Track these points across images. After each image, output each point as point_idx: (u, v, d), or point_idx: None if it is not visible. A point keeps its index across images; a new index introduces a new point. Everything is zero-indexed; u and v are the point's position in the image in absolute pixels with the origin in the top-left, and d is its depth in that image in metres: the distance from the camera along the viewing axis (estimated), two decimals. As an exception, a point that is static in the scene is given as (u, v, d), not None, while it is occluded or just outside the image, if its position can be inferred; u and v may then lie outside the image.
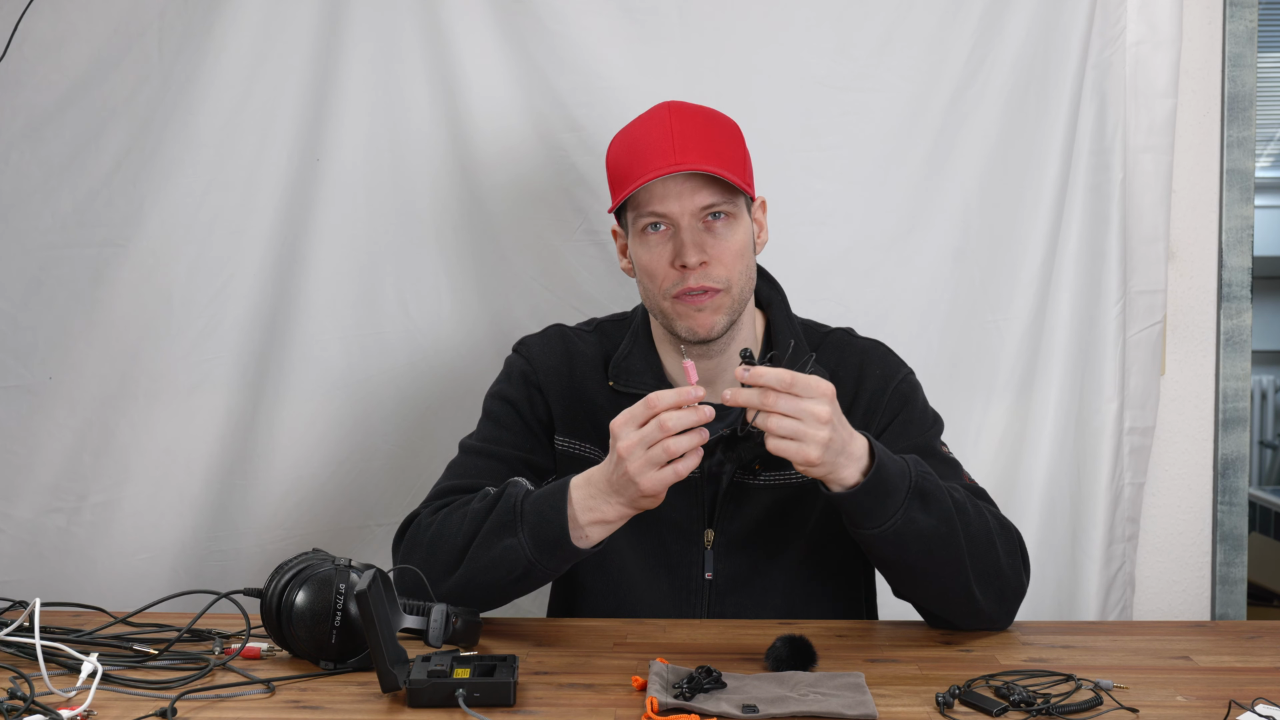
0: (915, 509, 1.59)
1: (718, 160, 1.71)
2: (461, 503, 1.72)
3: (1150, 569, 2.40)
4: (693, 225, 1.72)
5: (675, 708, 1.38)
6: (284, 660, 1.58)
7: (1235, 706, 1.39)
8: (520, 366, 1.88)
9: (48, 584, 2.23)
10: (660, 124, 1.75)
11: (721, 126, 1.79)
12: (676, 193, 1.71)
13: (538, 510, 1.62)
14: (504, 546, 1.63)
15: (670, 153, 1.70)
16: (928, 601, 1.73)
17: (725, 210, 1.73)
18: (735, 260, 1.74)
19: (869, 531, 1.60)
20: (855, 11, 2.28)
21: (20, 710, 1.35)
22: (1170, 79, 2.29)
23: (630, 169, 1.74)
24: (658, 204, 1.72)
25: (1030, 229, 2.29)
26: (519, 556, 1.62)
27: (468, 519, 1.67)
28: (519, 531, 1.62)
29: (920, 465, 1.63)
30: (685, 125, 1.74)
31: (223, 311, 2.27)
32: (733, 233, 1.74)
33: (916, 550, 1.61)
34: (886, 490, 1.57)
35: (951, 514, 1.62)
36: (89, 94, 2.24)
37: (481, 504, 1.68)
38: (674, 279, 1.73)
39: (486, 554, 1.64)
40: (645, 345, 1.85)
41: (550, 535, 1.60)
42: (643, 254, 1.76)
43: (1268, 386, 6.13)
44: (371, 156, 2.28)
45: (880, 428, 1.81)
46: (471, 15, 2.25)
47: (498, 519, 1.64)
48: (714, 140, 1.75)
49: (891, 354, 1.89)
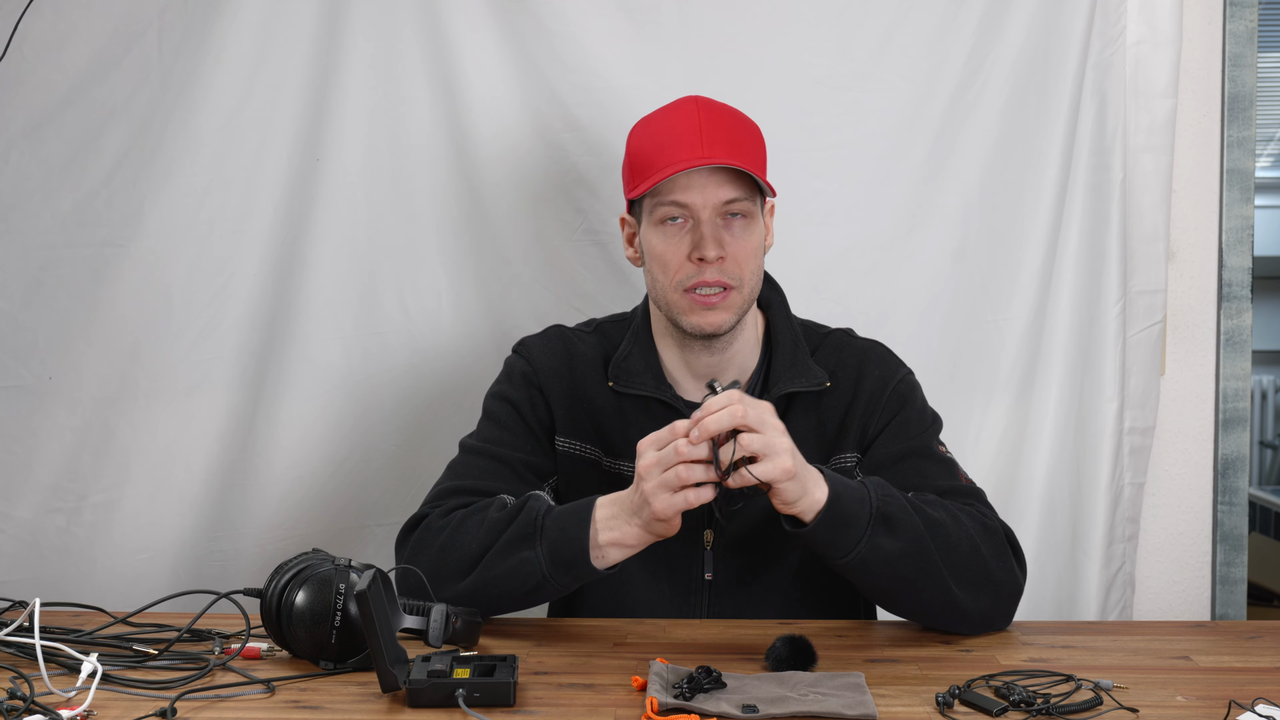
0: (880, 534, 1.59)
1: (743, 158, 1.73)
2: (478, 508, 1.71)
3: (1150, 569, 2.40)
4: (712, 220, 1.73)
5: (675, 708, 1.38)
6: (284, 660, 1.58)
7: (1235, 706, 1.39)
8: (521, 367, 1.88)
9: (48, 584, 2.23)
10: (688, 116, 1.76)
11: (746, 126, 1.80)
12: (700, 185, 1.72)
13: (559, 526, 1.62)
14: (520, 559, 1.63)
15: (698, 145, 1.72)
16: (912, 616, 1.74)
17: (744, 209, 1.74)
18: (749, 259, 1.75)
19: (837, 562, 1.61)
20: (855, 11, 2.28)
21: (20, 710, 1.35)
22: (1170, 79, 2.29)
23: (654, 157, 1.74)
24: (681, 194, 1.73)
25: (1030, 229, 2.29)
26: (534, 570, 1.62)
27: (485, 527, 1.67)
28: (537, 545, 1.62)
29: (883, 489, 1.63)
30: (713, 119, 1.75)
31: (223, 311, 2.27)
32: (749, 232, 1.76)
33: (887, 574, 1.62)
34: (845, 520, 1.58)
35: (921, 533, 1.62)
36: (89, 94, 2.24)
37: (501, 514, 1.68)
38: (689, 271, 1.74)
39: (501, 564, 1.64)
40: (645, 345, 1.85)
41: (569, 553, 1.61)
42: (658, 243, 1.76)
43: (1268, 386, 6.13)
44: (371, 156, 2.28)
45: (879, 428, 1.81)
46: (471, 15, 2.25)
47: (517, 530, 1.64)
48: (740, 138, 1.76)
49: (890, 354, 1.89)
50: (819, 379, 1.82)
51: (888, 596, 1.70)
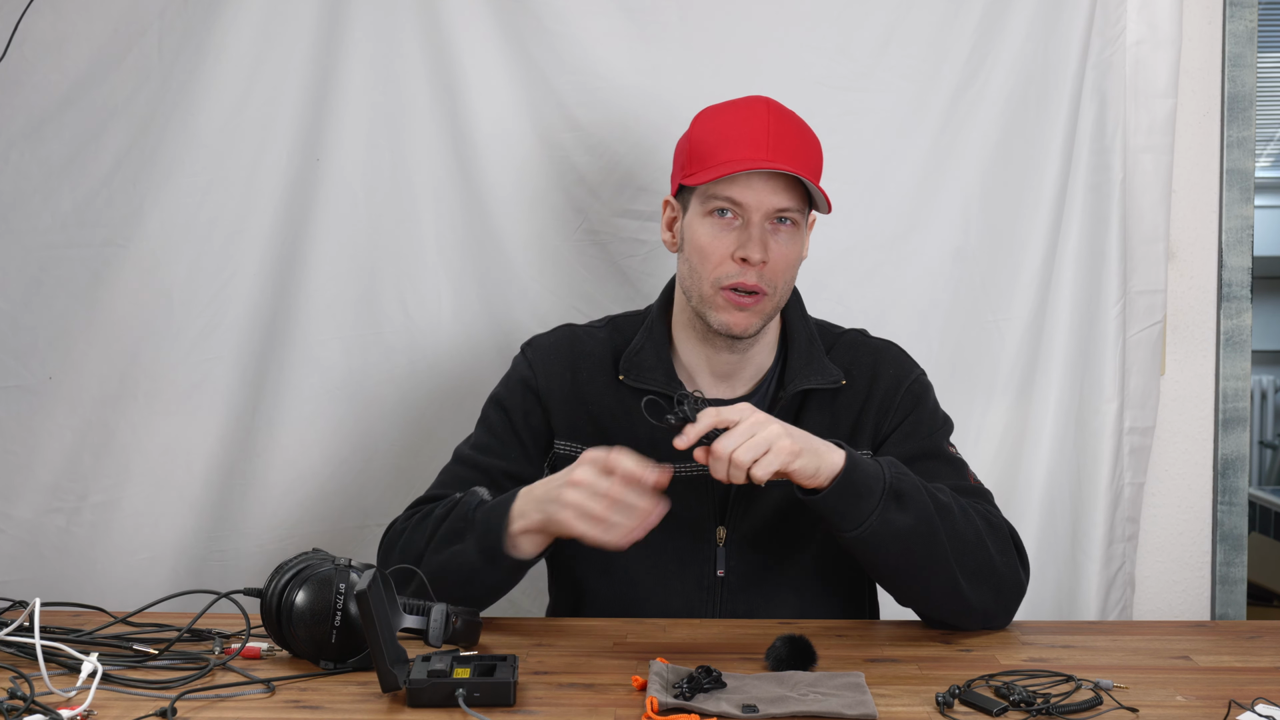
0: (891, 509, 1.61)
1: (805, 169, 1.75)
2: (431, 508, 1.76)
3: (1150, 569, 2.40)
4: (762, 223, 1.75)
5: (675, 708, 1.38)
6: (284, 660, 1.58)
7: (1235, 706, 1.39)
8: (522, 371, 1.89)
9: (48, 584, 2.23)
10: (759, 116, 1.77)
11: (810, 138, 1.82)
12: (759, 187, 1.74)
13: (485, 518, 1.66)
14: (452, 552, 1.67)
15: (765, 147, 1.74)
16: (916, 602, 1.74)
17: (794, 219, 1.77)
18: (788, 269, 1.78)
19: (847, 534, 1.62)
20: (855, 11, 2.27)
21: (20, 710, 1.35)
22: (1170, 79, 2.29)
23: (719, 150, 1.75)
24: (739, 192, 1.74)
25: (1030, 229, 2.29)
26: (464, 562, 1.66)
27: (429, 523, 1.72)
28: (466, 537, 1.66)
29: (895, 467, 1.65)
30: (783, 125, 1.78)
31: (223, 312, 2.27)
32: (794, 242, 1.78)
33: (896, 550, 1.64)
34: (859, 491, 1.60)
35: (931, 514, 1.63)
36: (89, 94, 2.24)
37: (442, 509, 1.73)
38: (730, 270, 1.75)
39: (437, 558, 1.68)
40: (659, 340, 1.86)
41: (489, 543, 1.65)
42: (703, 235, 1.77)
43: (1268, 386, 6.13)
44: (371, 156, 2.27)
45: (891, 427, 1.83)
46: (471, 15, 2.25)
47: (450, 526, 1.69)
48: (806, 149, 1.79)
49: (905, 355, 1.90)
50: (834, 377, 1.82)
51: (896, 577, 1.70)
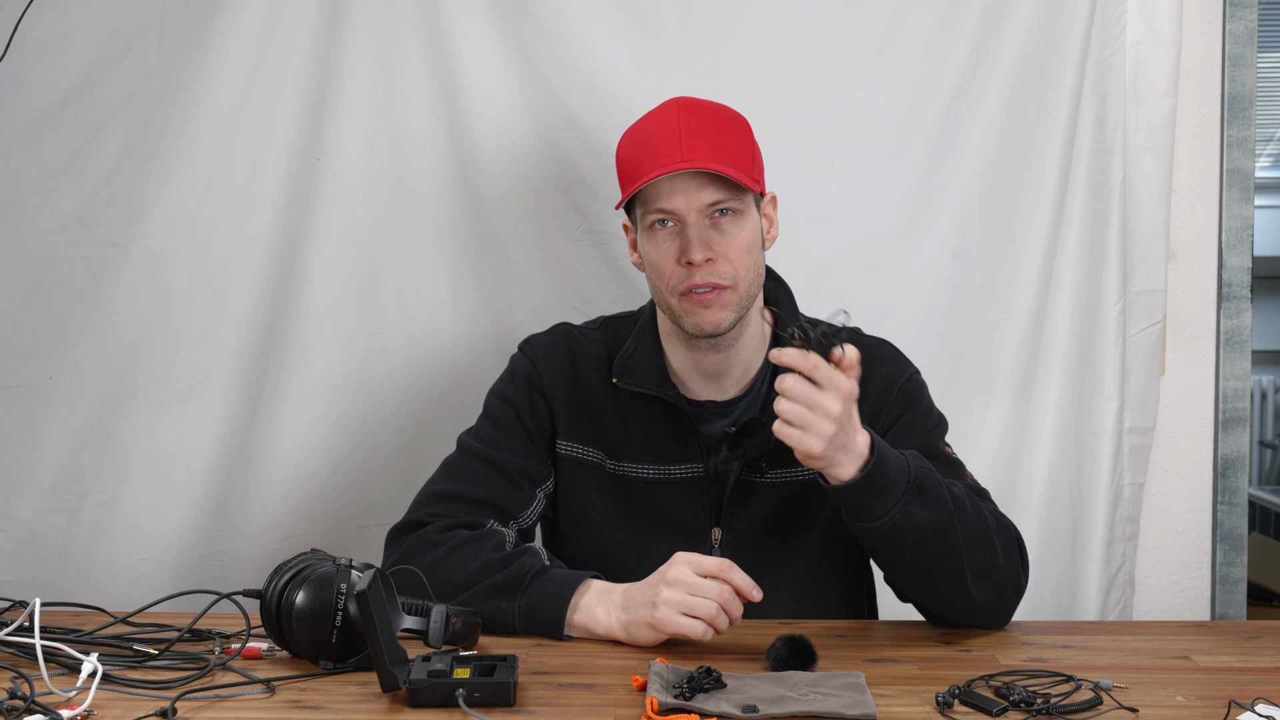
0: (914, 503, 1.60)
1: (725, 157, 1.72)
2: (478, 537, 1.73)
3: (1150, 569, 2.40)
4: (699, 222, 1.73)
5: (675, 708, 1.38)
6: (284, 660, 1.58)
7: (1235, 706, 1.39)
8: (525, 369, 1.89)
9: (48, 584, 2.22)
10: (669, 120, 1.76)
11: (731, 122, 1.79)
12: (683, 189, 1.72)
13: (542, 590, 1.66)
14: (496, 606, 1.67)
15: (678, 150, 1.71)
16: (924, 597, 1.74)
17: (732, 207, 1.74)
18: (742, 257, 1.75)
19: (867, 525, 1.61)
20: (855, 11, 2.27)
21: (20, 710, 1.35)
22: (1170, 79, 2.29)
23: (639, 164, 1.74)
24: (664, 200, 1.73)
25: (1030, 229, 2.29)
26: (505, 620, 1.67)
27: (478, 563, 1.70)
28: (518, 599, 1.66)
29: (920, 461, 1.64)
30: (693, 121, 1.75)
31: (223, 311, 2.27)
32: (740, 229, 1.75)
33: (914, 544, 1.63)
34: (884, 484, 1.59)
35: (949, 509, 1.63)
36: (89, 94, 2.24)
37: (497, 556, 1.70)
38: (680, 275, 1.74)
39: (479, 603, 1.66)
40: (651, 343, 1.85)
41: (543, 618, 1.65)
42: (650, 250, 1.77)
43: (1268, 386, 6.13)
44: (371, 156, 2.28)
45: (885, 426, 1.82)
46: (471, 15, 2.25)
47: (502, 580, 1.68)
48: (722, 137, 1.75)
49: (899, 353, 1.90)
50: None
51: (908, 571, 1.70)
